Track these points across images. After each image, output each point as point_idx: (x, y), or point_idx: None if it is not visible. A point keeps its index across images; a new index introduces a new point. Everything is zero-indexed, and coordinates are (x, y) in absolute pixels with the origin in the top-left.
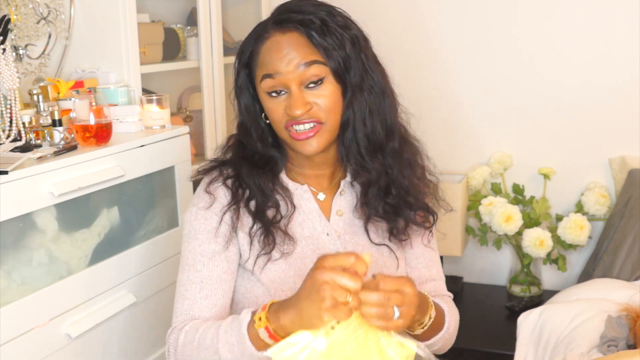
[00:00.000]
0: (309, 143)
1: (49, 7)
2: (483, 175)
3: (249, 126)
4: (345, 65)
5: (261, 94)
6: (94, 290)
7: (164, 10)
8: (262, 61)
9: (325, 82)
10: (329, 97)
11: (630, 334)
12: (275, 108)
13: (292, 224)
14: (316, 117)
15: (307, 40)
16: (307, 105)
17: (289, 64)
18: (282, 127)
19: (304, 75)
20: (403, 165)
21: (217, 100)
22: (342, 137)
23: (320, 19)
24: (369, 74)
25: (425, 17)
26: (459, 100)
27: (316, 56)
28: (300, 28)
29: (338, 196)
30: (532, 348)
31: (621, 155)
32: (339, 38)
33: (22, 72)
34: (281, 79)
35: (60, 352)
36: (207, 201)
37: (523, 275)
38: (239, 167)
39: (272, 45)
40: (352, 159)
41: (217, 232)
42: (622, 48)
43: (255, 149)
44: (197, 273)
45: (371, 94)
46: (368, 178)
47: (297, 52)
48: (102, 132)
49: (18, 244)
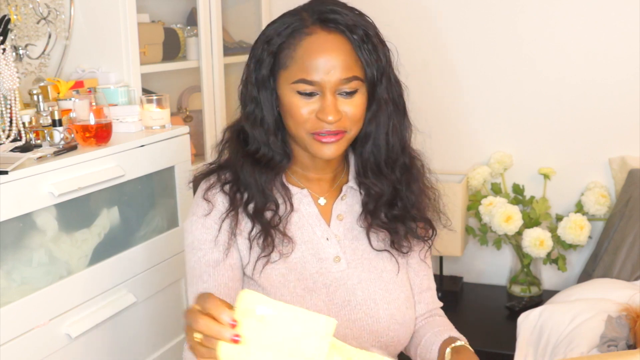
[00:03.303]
0: (329, 147)
1: (49, 7)
2: (483, 175)
3: (261, 118)
4: (378, 78)
5: (287, 89)
6: (94, 290)
7: (164, 10)
8: (301, 59)
9: (357, 93)
10: (358, 107)
11: (630, 334)
12: (302, 107)
13: (290, 225)
14: (343, 127)
15: (351, 47)
16: (339, 113)
17: (332, 73)
18: (304, 128)
19: (341, 85)
20: (411, 180)
21: (217, 100)
22: (361, 149)
23: (363, 28)
24: (395, 88)
25: (426, 17)
26: (459, 100)
27: (356, 69)
28: (347, 33)
29: (339, 201)
30: (532, 348)
31: (621, 155)
32: (377, 51)
33: (22, 72)
34: (319, 84)
35: (60, 352)
36: (205, 209)
37: (523, 275)
38: (238, 167)
39: (316, 44)
40: (368, 170)
41: (217, 240)
42: (622, 48)
43: (262, 141)
44: (204, 284)
45: (395, 110)
46: (379, 191)
47: (341, 60)
48: (102, 132)
49: (18, 244)
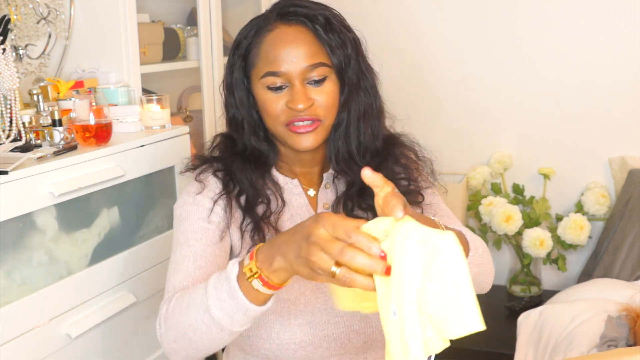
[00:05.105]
0: (306, 138)
1: (49, 7)
2: (483, 175)
3: (241, 120)
4: (345, 65)
5: (258, 87)
6: (94, 290)
7: (164, 10)
8: (265, 55)
9: (327, 80)
10: (329, 94)
11: (630, 334)
12: (274, 102)
13: (281, 220)
14: (315, 115)
15: (313, 36)
16: (310, 100)
17: (295, 62)
18: (279, 122)
19: (308, 73)
20: (387, 163)
21: (217, 100)
22: (333, 136)
23: (324, 17)
24: (365, 75)
25: (425, 17)
26: (459, 100)
27: (321, 55)
28: (307, 22)
29: (323, 189)
30: (532, 348)
31: (621, 155)
32: (342, 37)
33: (22, 72)
34: (285, 75)
35: (60, 352)
36: (197, 187)
37: (523, 275)
38: (230, 162)
39: (278, 37)
40: (339, 158)
41: (210, 217)
42: (622, 48)
43: (247, 143)
44: (190, 248)
45: (366, 96)
46: (353, 178)
47: (304, 49)
48: (102, 132)
49: (18, 244)
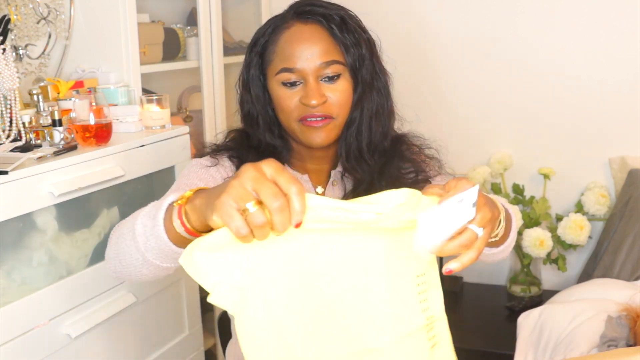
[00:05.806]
0: (319, 135)
1: (49, 7)
2: (483, 175)
3: (257, 116)
4: (359, 64)
5: (273, 83)
6: (94, 290)
7: (164, 10)
8: (281, 51)
9: (340, 78)
10: (342, 92)
11: (630, 334)
12: (288, 98)
13: None
14: (328, 112)
15: (328, 34)
16: (323, 97)
17: (310, 59)
18: (292, 117)
19: (322, 70)
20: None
21: (217, 100)
22: (346, 133)
23: (340, 17)
24: (379, 76)
25: (425, 17)
26: (459, 100)
27: (335, 53)
28: (322, 21)
29: (330, 187)
30: (532, 348)
31: (621, 155)
32: (356, 37)
33: (22, 72)
34: (300, 71)
35: (60, 352)
36: (210, 161)
37: (523, 275)
38: (244, 154)
39: (294, 35)
40: (350, 155)
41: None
42: (622, 48)
43: (262, 139)
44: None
45: (379, 96)
46: (362, 176)
47: (319, 46)
48: (102, 132)
49: (18, 244)
